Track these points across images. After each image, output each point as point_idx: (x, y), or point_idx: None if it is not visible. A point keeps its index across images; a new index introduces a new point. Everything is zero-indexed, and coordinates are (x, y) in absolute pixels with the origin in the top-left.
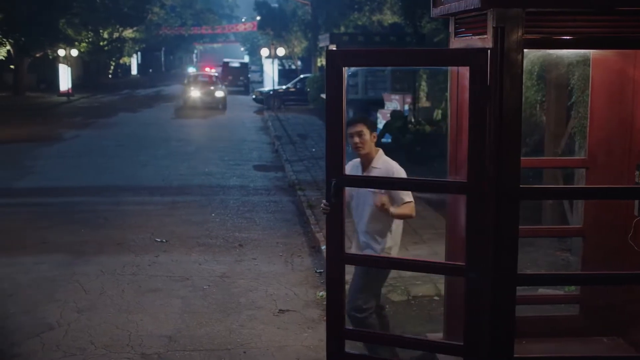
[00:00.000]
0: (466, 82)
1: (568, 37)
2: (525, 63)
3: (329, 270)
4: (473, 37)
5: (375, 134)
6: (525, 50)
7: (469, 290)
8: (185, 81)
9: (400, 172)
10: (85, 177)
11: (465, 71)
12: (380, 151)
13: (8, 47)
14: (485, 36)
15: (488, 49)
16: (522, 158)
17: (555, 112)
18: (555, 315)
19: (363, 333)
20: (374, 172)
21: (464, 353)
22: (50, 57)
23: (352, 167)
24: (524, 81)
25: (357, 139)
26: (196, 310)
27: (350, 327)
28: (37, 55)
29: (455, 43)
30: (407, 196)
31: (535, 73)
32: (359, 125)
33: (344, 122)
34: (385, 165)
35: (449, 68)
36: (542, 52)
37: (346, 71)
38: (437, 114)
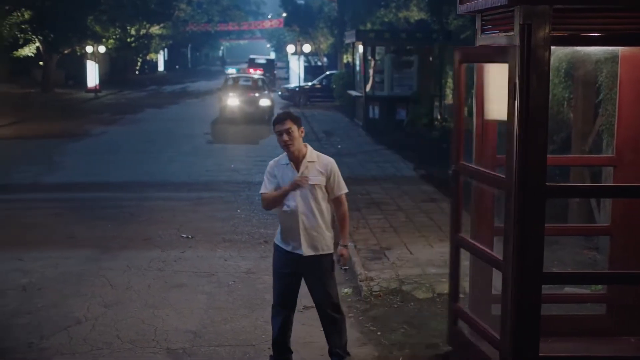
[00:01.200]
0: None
1: (596, 34)
2: (553, 60)
3: (450, 252)
4: (500, 34)
5: (302, 128)
6: (552, 47)
7: (504, 283)
8: (222, 85)
9: (333, 162)
10: (112, 172)
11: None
12: (309, 145)
13: (37, 44)
14: (511, 33)
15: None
16: (548, 156)
17: (582, 110)
18: (582, 314)
19: (471, 318)
20: (312, 167)
21: (499, 346)
22: (78, 53)
23: (276, 165)
24: (551, 78)
25: (286, 137)
26: (221, 305)
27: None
28: (66, 51)
29: (482, 40)
30: (344, 187)
31: (563, 70)
32: (286, 123)
33: (463, 115)
34: (320, 157)
35: (475, 64)
36: (570, 48)
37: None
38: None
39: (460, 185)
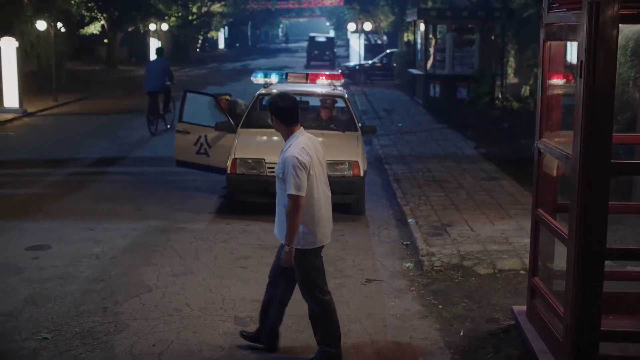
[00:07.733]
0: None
1: None
2: (620, 38)
3: (531, 226)
4: (567, 12)
5: (273, 117)
6: (620, 25)
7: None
8: (245, 113)
9: (291, 159)
10: None
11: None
12: (297, 133)
13: (102, 22)
14: (579, 11)
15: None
16: (614, 134)
17: None
18: None
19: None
20: (281, 155)
21: (563, 320)
22: (141, 31)
23: None
24: (617, 57)
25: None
26: None
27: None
28: (129, 29)
29: (549, 18)
30: (292, 188)
31: (630, 49)
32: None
33: (547, 92)
34: (287, 150)
35: (541, 42)
36: (638, 27)
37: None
38: (525, 90)
39: (542, 161)
